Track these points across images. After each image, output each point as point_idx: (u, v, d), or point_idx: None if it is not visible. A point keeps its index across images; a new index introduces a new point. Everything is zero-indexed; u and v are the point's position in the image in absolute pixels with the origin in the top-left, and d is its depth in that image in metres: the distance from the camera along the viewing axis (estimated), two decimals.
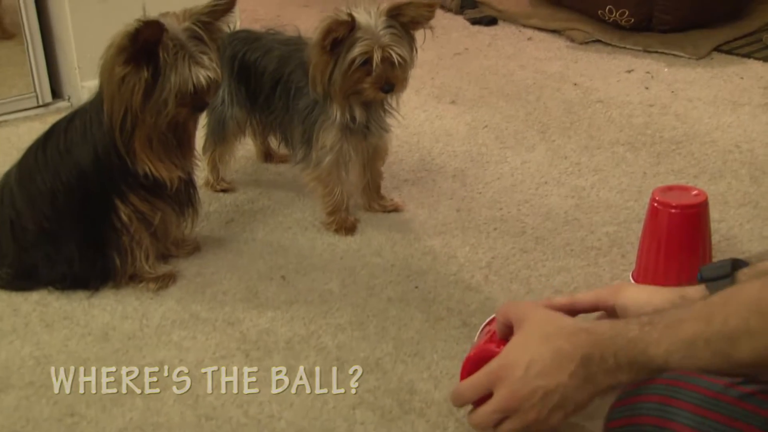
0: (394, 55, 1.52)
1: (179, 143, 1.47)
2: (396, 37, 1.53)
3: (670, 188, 1.51)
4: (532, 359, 0.94)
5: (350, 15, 1.49)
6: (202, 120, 1.65)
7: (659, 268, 1.50)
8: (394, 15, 1.53)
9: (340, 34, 1.49)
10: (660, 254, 1.49)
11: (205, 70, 1.39)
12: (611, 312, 1.09)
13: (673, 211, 1.46)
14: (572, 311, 1.09)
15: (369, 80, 1.54)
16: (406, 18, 1.54)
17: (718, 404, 0.84)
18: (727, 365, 0.84)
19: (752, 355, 0.82)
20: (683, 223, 1.47)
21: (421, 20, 1.55)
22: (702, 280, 1.02)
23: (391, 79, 1.54)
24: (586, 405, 0.95)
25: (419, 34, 1.59)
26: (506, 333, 1.06)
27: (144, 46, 1.32)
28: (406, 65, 1.56)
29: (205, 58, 1.39)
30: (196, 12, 1.41)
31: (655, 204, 1.48)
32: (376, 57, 1.51)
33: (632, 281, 1.53)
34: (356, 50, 1.51)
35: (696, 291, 1.03)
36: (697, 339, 0.85)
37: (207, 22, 1.42)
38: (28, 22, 2.19)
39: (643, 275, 1.52)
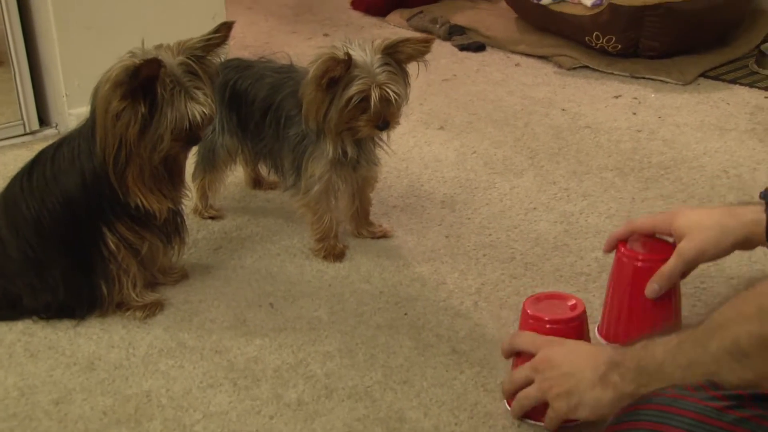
0: (391, 93, 1.51)
1: (170, 175, 1.47)
2: (392, 75, 1.52)
3: (639, 237, 1.35)
4: (571, 351, 1.14)
5: (347, 54, 1.48)
6: (193, 148, 1.64)
7: (620, 327, 1.35)
8: (389, 52, 1.52)
9: (337, 74, 1.48)
10: (623, 311, 1.35)
11: (200, 106, 1.38)
12: (669, 235, 1.28)
13: (639, 264, 1.31)
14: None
15: (364, 118, 1.53)
16: (403, 55, 1.53)
17: (711, 429, 0.83)
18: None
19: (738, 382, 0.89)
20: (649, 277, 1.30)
21: (417, 56, 1.54)
22: (763, 198, 1.17)
23: (386, 117, 1.54)
24: (592, 408, 1.07)
25: (412, 66, 1.58)
26: None
27: (143, 82, 1.32)
28: (400, 102, 1.55)
29: (200, 93, 1.39)
30: (190, 46, 1.41)
31: (622, 256, 1.33)
32: (374, 96, 1.50)
33: (598, 337, 1.39)
34: (353, 89, 1.49)
35: (752, 211, 1.17)
36: (692, 364, 0.93)
37: (200, 56, 1.41)
38: (15, 49, 2.18)
39: (606, 331, 1.38)
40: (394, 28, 3.16)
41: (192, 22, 2.31)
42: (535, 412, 1.22)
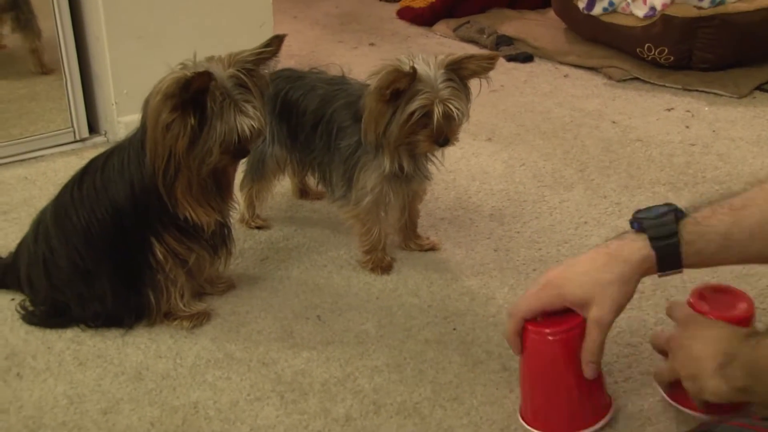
0: (453, 109, 1.48)
1: (218, 188, 1.46)
2: (456, 91, 1.49)
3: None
4: (696, 335, 1.14)
5: (413, 67, 1.46)
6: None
7: (542, 405, 1.24)
8: (454, 68, 1.49)
9: (402, 86, 1.46)
10: (547, 387, 1.23)
11: (249, 120, 1.37)
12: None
13: (550, 338, 1.18)
14: None
15: (425, 133, 1.50)
16: (467, 72, 1.50)
17: None
18: None
19: None
20: (569, 347, 1.19)
21: (481, 72, 1.51)
22: (640, 230, 1.13)
23: (447, 133, 1.51)
24: (714, 395, 1.07)
25: (474, 84, 1.55)
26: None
27: (193, 95, 1.31)
28: (462, 118, 1.52)
29: (249, 107, 1.38)
30: (242, 58, 1.40)
31: (530, 334, 1.20)
32: (437, 112, 1.47)
33: (521, 421, 1.26)
34: (416, 103, 1.47)
35: (636, 249, 1.12)
36: None
37: (251, 69, 1.41)
38: (67, 58, 2.20)
39: (528, 413, 1.26)
40: (440, 38, 3.15)
41: (240, 31, 2.32)
42: (681, 397, 1.21)
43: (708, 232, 1.10)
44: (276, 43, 1.44)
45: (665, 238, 1.10)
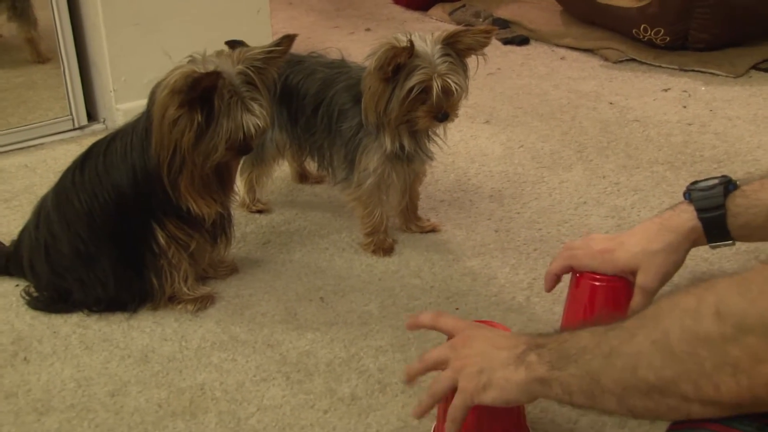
0: (452, 83, 1.49)
1: (220, 181, 1.46)
2: (453, 66, 1.50)
3: None
4: (494, 332, 1.06)
5: (410, 41, 1.46)
6: None
7: None
8: (450, 43, 1.50)
9: (402, 60, 1.46)
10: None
11: (255, 119, 1.38)
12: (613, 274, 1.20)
13: (597, 283, 1.22)
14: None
15: (424, 109, 1.51)
16: (463, 45, 1.50)
17: None
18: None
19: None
20: (608, 298, 1.23)
21: (477, 47, 1.52)
22: (690, 201, 1.14)
23: (446, 108, 1.52)
24: (500, 390, 0.95)
25: (471, 66, 1.56)
26: None
27: (202, 92, 1.32)
28: (461, 93, 1.53)
29: (256, 105, 1.38)
30: (251, 56, 1.39)
31: (578, 274, 1.25)
32: (436, 86, 1.48)
33: None
34: (414, 78, 1.47)
35: (686, 219, 1.14)
36: (613, 353, 0.85)
37: (260, 67, 1.41)
38: (64, 46, 2.20)
39: None
40: (436, 22, 3.15)
41: (237, 17, 2.32)
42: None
43: (755, 205, 1.10)
44: (286, 42, 1.44)
45: (712, 210, 1.12)
